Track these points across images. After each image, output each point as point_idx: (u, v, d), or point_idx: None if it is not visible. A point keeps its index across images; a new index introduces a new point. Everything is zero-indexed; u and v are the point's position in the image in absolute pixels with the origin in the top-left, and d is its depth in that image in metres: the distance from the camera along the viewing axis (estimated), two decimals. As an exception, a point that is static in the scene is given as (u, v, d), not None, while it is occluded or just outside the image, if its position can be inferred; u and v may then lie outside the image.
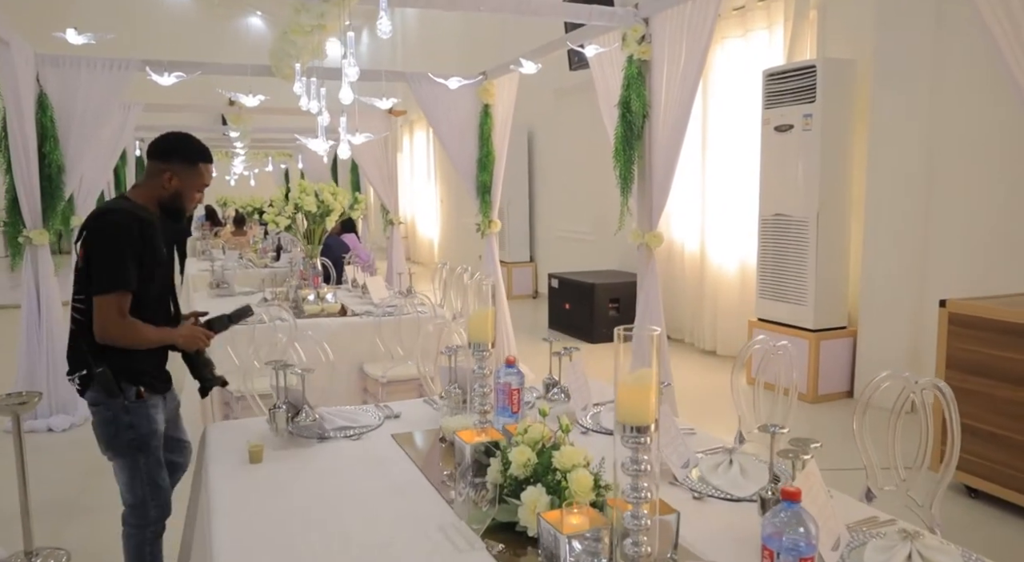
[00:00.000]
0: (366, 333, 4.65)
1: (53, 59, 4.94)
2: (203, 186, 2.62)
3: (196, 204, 2.69)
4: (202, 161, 2.58)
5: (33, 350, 4.97)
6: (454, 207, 14.44)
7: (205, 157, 2.60)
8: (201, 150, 2.60)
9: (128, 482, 2.53)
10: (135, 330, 2.42)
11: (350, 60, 2.98)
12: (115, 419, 2.46)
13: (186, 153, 2.55)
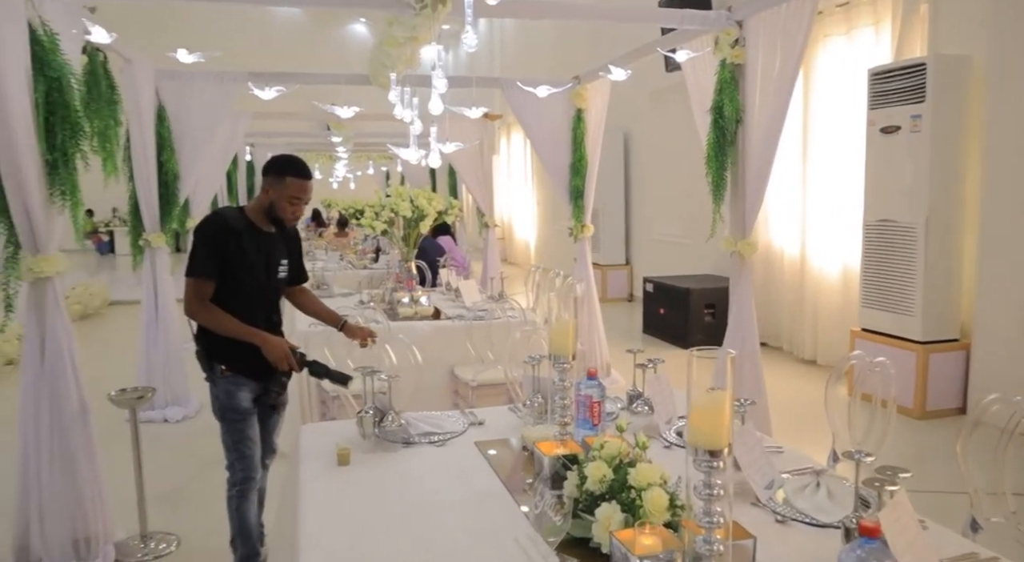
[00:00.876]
0: (458, 336, 4.73)
1: (170, 74, 5.27)
2: (292, 198, 2.81)
3: (294, 216, 2.88)
4: (290, 175, 2.79)
5: (151, 344, 5.32)
6: (550, 209, 14.47)
7: (293, 171, 2.80)
8: (290, 165, 2.82)
9: (222, 444, 2.94)
10: (213, 316, 2.76)
11: (439, 72, 3.06)
12: (212, 390, 2.91)
13: (277, 167, 2.82)
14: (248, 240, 2.81)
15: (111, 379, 6.40)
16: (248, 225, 2.84)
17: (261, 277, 2.87)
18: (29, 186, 2.92)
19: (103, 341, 8.51)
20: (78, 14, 3.39)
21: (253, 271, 2.83)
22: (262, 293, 2.90)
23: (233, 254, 2.75)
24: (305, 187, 2.83)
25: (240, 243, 2.77)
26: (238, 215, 2.85)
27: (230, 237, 2.75)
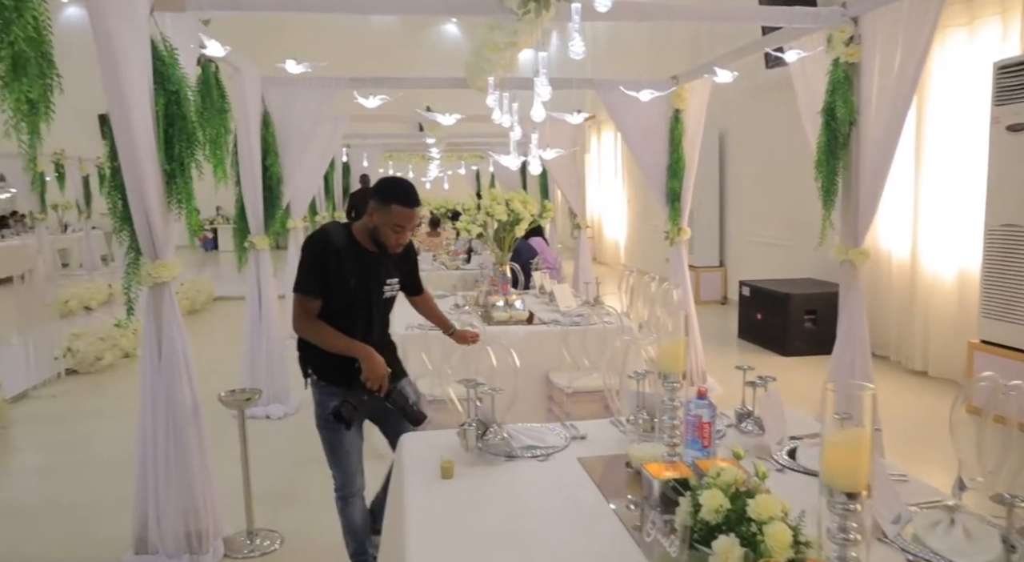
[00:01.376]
0: (553, 342, 4.70)
1: (275, 81, 5.43)
2: (396, 226, 2.78)
3: (398, 243, 2.84)
4: (395, 202, 2.75)
5: (255, 343, 5.51)
6: (641, 208, 14.26)
7: (399, 199, 2.75)
8: (396, 192, 2.77)
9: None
10: (318, 331, 2.82)
11: (542, 79, 3.02)
12: (312, 396, 3.01)
13: (383, 193, 2.79)
14: (350, 259, 2.81)
15: (217, 374, 6.71)
16: (351, 243, 2.84)
17: (360, 295, 2.86)
18: (149, 196, 3.04)
19: (209, 335, 8.89)
20: (195, 29, 3.53)
21: (352, 290, 2.83)
22: (362, 311, 2.90)
23: (333, 272, 2.78)
24: (410, 215, 2.78)
25: (340, 261, 2.79)
26: (343, 233, 2.86)
27: (331, 255, 2.78)
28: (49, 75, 2.23)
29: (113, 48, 2.76)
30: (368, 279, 2.87)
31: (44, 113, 2.23)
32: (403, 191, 2.78)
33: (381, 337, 3.02)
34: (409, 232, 2.85)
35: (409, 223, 2.80)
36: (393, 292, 3.01)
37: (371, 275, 2.88)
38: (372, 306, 2.92)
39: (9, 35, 2.00)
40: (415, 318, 4.82)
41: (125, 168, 2.96)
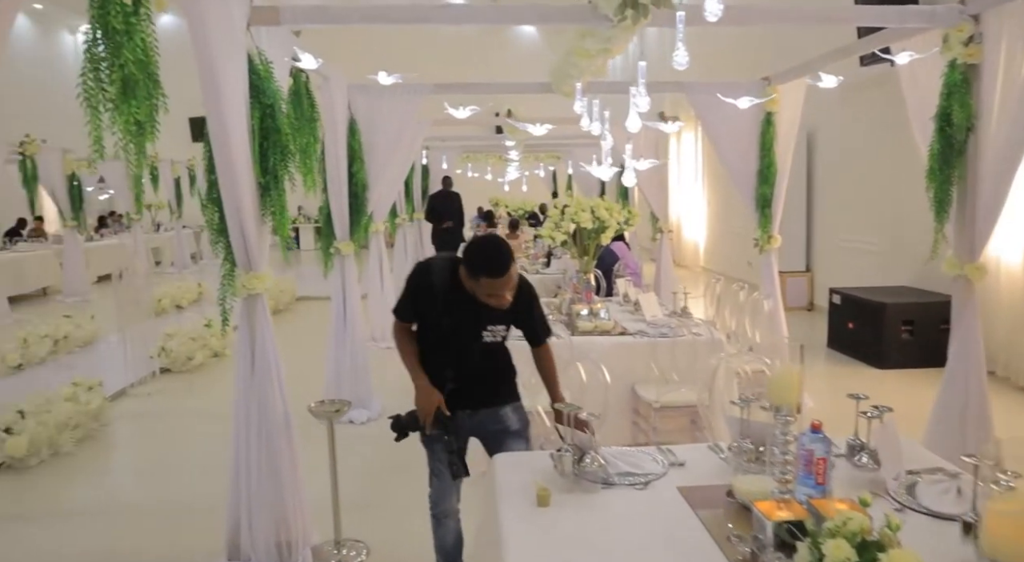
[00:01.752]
0: (640, 354, 4.58)
1: (362, 88, 5.48)
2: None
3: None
4: (483, 275, 2.62)
5: (339, 348, 5.57)
6: (721, 210, 13.93)
7: (485, 272, 2.62)
8: (481, 265, 2.63)
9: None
10: (400, 346, 2.94)
11: (641, 89, 2.92)
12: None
13: (469, 265, 2.67)
14: (447, 299, 2.74)
15: (301, 378, 6.77)
16: (453, 286, 2.75)
17: (453, 337, 2.81)
18: (245, 209, 3.08)
19: (292, 336, 9.08)
20: (289, 42, 3.56)
21: (445, 329, 2.79)
22: (453, 350, 2.84)
23: (427, 307, 2.80)
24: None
25: (435, 299, 2.76)
26: (447, 270, 2.78)
27: (426, 290, 2.78)
28: (155, 95, 2.26)
29: (213, 63, 2.80)
30: (464, 322, 2.78)
31: (150, 133, 2.27)
32: (488, 262, 2.63)
33: (478, 372, 2.90)
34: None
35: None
36: (496, 338, 2.87)
37: (468, 319, 2.78)
38: (465, 349, 2.82)
39: (120, 58, 2.03)
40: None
41: (222, 182, 3.00)
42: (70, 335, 7.82)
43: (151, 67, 2.23)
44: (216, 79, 2.80)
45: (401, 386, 6.52)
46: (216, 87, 2.80)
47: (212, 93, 2.81)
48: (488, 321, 2.81)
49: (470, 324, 2.79)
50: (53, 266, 13.00)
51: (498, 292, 2.64)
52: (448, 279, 2.76)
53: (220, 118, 2.86)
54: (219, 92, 2.82)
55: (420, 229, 12.08)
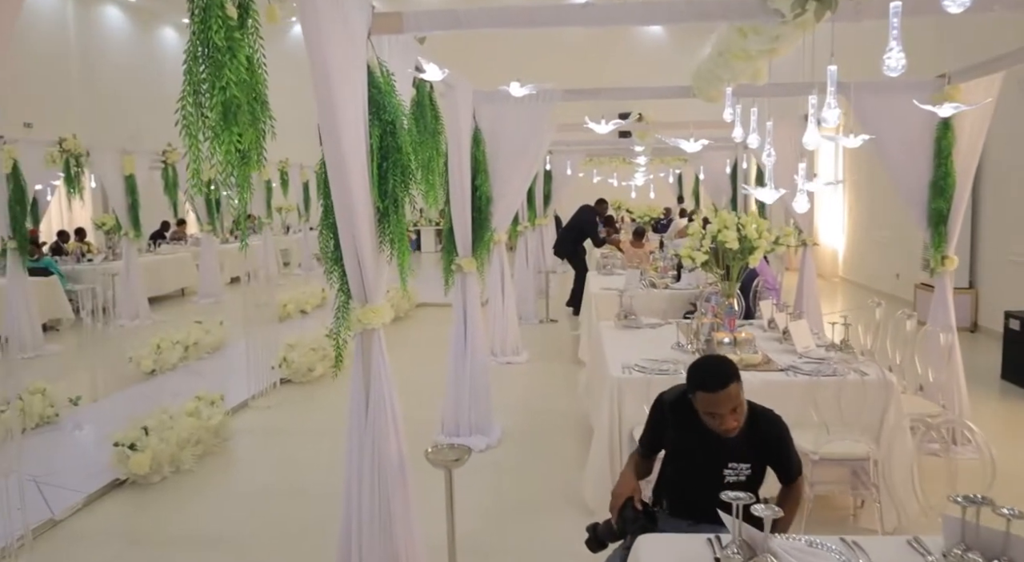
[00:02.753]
0: (795, 394, 4.02)
1: (487, 96, 5.17)
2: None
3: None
4: (698, 389, 2.48)
5: (459, 369, 5.28)
6: (864, 216, 12.84)
7: (698, 386, 2.48)
8: (695, 378, 2.52)
9: None
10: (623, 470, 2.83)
11: (831, 101, 2.41)
12: None
13: (688, 380, 2.55)
14: (680, 427, 2.61)
15: (417, 396, 6.61)
16: (686, 412, 2.57)
17: (688, 471, 2.61)
18: (362, 236, 2.80)
19: (410, 346, 8.96)
20: (412, 51, 3.27)
21: (681, 463, 2.63)
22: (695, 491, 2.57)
23: (663, 438, 2.71)
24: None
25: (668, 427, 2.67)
26: (680, 395, 2.64)
27: (660, 420, 2.71)
28: (262, 119, 1.99)
29: (329, 78, 2.52)
30: (701, 457, 2.56)
31: (256, 162, 2.00)
32: (701, 375, 2.49)
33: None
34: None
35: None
36: (740, 477, 2.53)
37: (706, 454, 2.55)
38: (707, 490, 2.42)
39: (221, 80, 1.77)
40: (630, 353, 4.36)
41: (338, 209, 2.73)
42: (200, 341, 7.97)
43: (258, 88, 1.96)
44: (333, 95, 2.52)
45: (522, 408, 6.23)
46: (332, 104, 2.52)
47: (328, 111, 2.54)
48: (729, 457, 2.54)
49: (709, 461, 2.55)
50: (190, 268, 13.55)
51: (717, 411, 2.44)
52: (680, 406, 2.60)
53: (336, 138, 2.59)
54: (335, 109, 2.54)
55: (542, 235, 11.75)
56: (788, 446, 2.68)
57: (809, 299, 7.55)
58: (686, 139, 4.03)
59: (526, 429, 5.66)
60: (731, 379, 2.46)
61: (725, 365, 2.52)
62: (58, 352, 8.72)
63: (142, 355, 7.25)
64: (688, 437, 2.58)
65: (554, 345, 8.72)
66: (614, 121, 3.98)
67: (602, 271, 8.99)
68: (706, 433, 2.53)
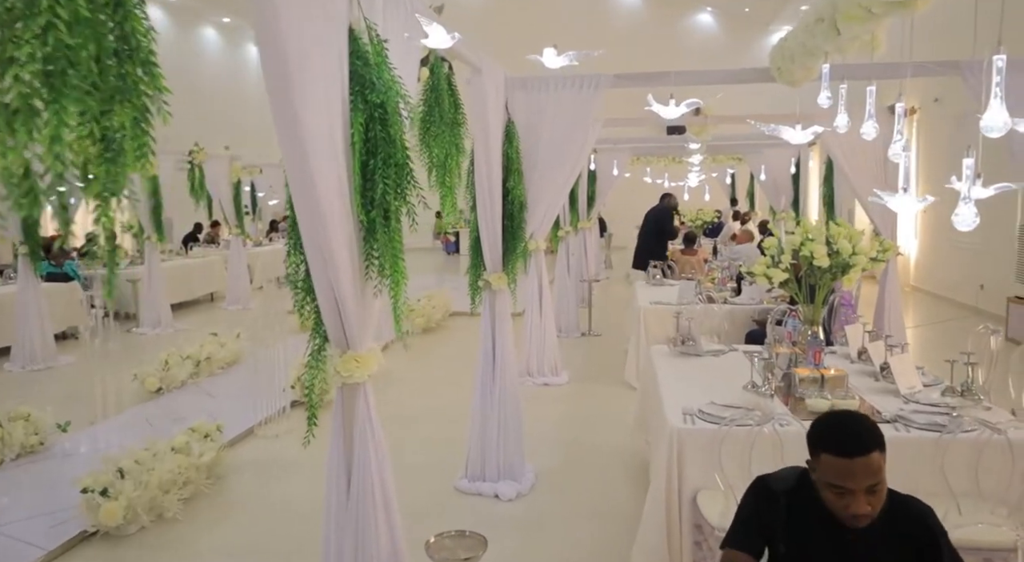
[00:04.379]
0: (906, 453, 3.16)
1: (521, 82, 4.40)
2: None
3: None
4: (823, 450, 1.90)
5: (486, 401, 4.52)
6: (942, 218, 11.69)
7: (827, 444, 1.90)
8: (823, 434, 1.94)
9: None
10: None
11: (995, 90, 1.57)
12: None
13: (810, 434, 2.01)
14: (793, 515, 1.99)
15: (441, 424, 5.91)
16: (803, 495, 1.99)
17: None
18: (339, 262, 2.05)
19: (441, 362, 8.24)
20: (413, 12, 2.49)
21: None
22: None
23: (767, 531, 2.04)
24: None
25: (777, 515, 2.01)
26: (794, 476, 2.08)
27: (766, 507, 2.05)
28: (141, 89, 1.23)
29: (282, 36, 1.76)
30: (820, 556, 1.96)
31: (137, 158, 1.25)
32: (834, 434, 1.92)
33: None
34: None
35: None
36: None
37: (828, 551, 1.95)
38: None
39: (38, 18, 1.02)
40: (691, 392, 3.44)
41: (303, 223, 1.98)
42: (213, 356, 7.35)
43: (134, 39, 1.22)
44: (287, 64, 1.77)
45: (561, 442, 5.43)
46: (287, 77, 1.78)
47: (281, 86, 1.79)
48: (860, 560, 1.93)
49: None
50: (220, 272, 13.06)
51: (848, 486, 1.83)
52: (796, 488, 2.03)
53: (294, 127, 1.83)
54: (292, 85, 1.79)
55: (584, 239, 10.92)
56: (948, 545, 1.97)
57: (892, 316, 6.62)
58: (790, 126, 3.16)
59: (565, 471, 4.86)
60: (875, 445, 1.88)
61: (867, 425, 1.96)
62: (71, 363, 8.20)
63: (147, 373, 6.64)
64: (806, 537, 1.98)
65: (598, 363, 7.90)
66: (688, 101, 3.13)
67: (652, 281, 8.12)
68: (830, 525, 1.93)
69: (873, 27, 2.47)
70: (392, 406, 6.28)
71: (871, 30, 2.51)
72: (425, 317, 9.62)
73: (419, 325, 9.42)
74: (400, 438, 5.49)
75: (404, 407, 6.29)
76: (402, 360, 8.08)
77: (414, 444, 5.37)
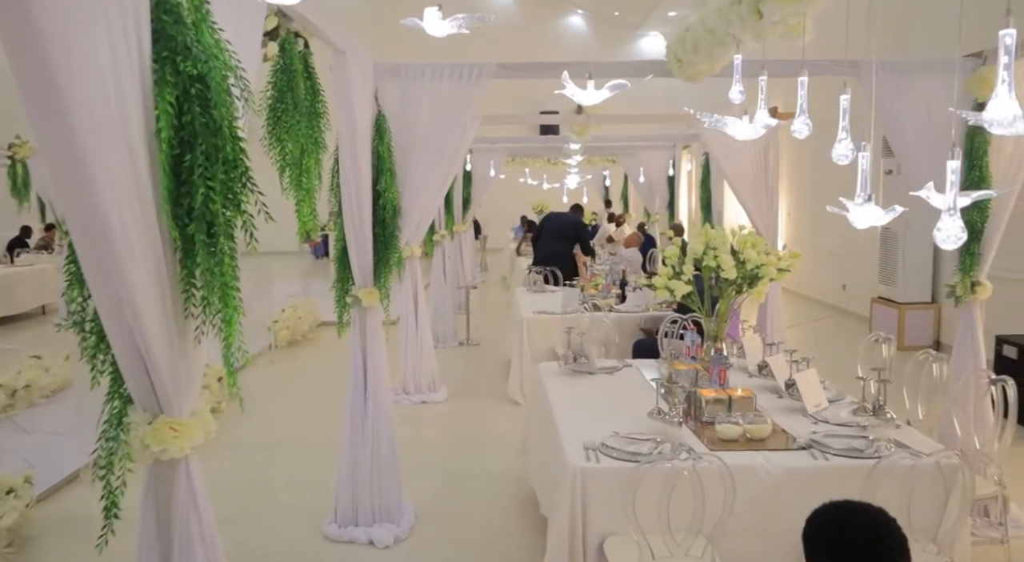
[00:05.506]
0: (825, 484, 2.88)
1: (393, 69, 3.86)
2: None
3: None
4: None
5: (357, 436, 3.94)
6: (805, 222, 12.08)
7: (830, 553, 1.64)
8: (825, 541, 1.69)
9: None
10: None
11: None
12: None
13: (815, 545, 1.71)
14: None
15: (308, 453, 5.26)
16: None
17: None
18: (139, 298, 1.45)
19: (309, 375, 7.53)
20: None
21: None
22: None
23: None
24: None
25: None
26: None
27: None
28: None
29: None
30: None
31: None
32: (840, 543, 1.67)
33: None
34: None
35: None
36: None
37: None
38: None
39: None
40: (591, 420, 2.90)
41: (80, 241, 1.37)
42: (33, 383, 6.31)
43: None
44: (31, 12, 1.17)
45: (443, 473, 4.89)
46: (31, 18, 1.17)
47: (25, 35, 1.18)
48: None
49: None
50: (54, 282, 11.60)
51: None
52: None
53: (56, 103, 1.23)
54: (42, 32, 1.19)
55: (460, 243, 10.45)
56: None
57: (774, 319, 6.54)
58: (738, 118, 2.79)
59: (449, 506, 4.35)
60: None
61: (888, 531, 1.67)
62: None
63: (-53, 407, 5.58)
64: None
65: (478, 376, 7.43)
66: (612, 83, 2.67)
67: (532, 288, 7.74)
68: None
69: (805, 8, 2.15)
70: (255, 434, 5.56)
71: (802, 11, 2.19)
72: (290, 329, 8.82)
73: (284, 338, 8.63)
74: (261, 475, 4.81)
75: (268, 434, 5.58)
76: (266, 378, 7.31)
77: (278, 481, 4.71)
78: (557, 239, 8.57)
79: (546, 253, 8.42)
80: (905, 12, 8.65)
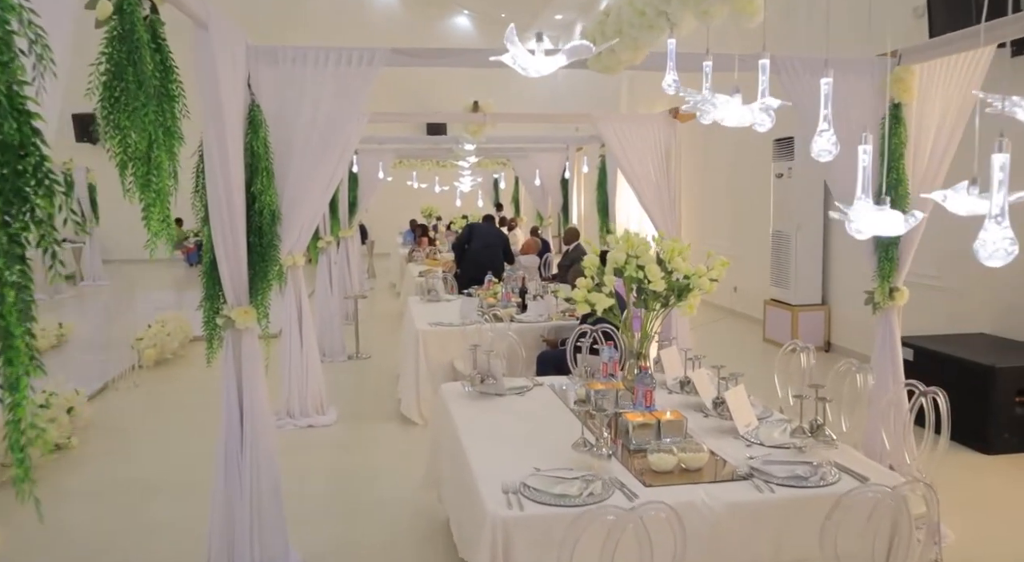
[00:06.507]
0: (770, 516, 2.60)
1: (270, 53, 3.33)
2: None
3: None
4: None
5: (234, 481, 3.36)
6: (698, 222, 12.17)
7: None
8: None
9: None
10: None
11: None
12: None
13: None
14: None
15: (183, 471, 4.62)
16: None
17: None
18: None
19: (180, 399, 6.74)
20: None
21: None
22: None
23: None
24: None
25: None
26: None
27: None
28: None
29: None
30: None
31: None
32: None
33: None
34: None
35: None
36: None
37: None
38: None
39: None
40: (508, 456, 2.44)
41: None
42: None
43: None
44: None
45: (338, 513, 4.30)
46: None
47: None
48: None
49: None
50: None
51: None
52: None
53: None
54: None
55: (347, 250, 9.81)
56: None
57: (679, 322, 6.35)
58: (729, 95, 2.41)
59: (343, 552, 3.83)
60: None
61: None
62: None
63: None
64: None
65: (370, 393, 6.89)
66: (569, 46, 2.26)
67: (426, 297, 7.27)
68: None
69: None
70: (114, 472, 4.80)
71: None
72: (158, 347, 7.95)
73: (150, 358, 7.76)
74: (123, 524, 4.11)
75: (130, 472, 4.84)
76: (130, 404, 6.48)
77: (141, 529, 4.03)
78: (490, 248, 8.45)
79: (482, 261, 8.19)
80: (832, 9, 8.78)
